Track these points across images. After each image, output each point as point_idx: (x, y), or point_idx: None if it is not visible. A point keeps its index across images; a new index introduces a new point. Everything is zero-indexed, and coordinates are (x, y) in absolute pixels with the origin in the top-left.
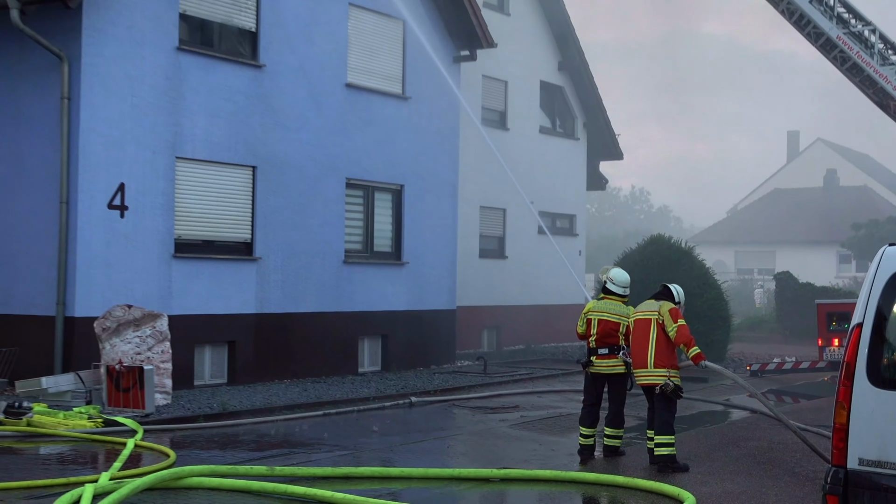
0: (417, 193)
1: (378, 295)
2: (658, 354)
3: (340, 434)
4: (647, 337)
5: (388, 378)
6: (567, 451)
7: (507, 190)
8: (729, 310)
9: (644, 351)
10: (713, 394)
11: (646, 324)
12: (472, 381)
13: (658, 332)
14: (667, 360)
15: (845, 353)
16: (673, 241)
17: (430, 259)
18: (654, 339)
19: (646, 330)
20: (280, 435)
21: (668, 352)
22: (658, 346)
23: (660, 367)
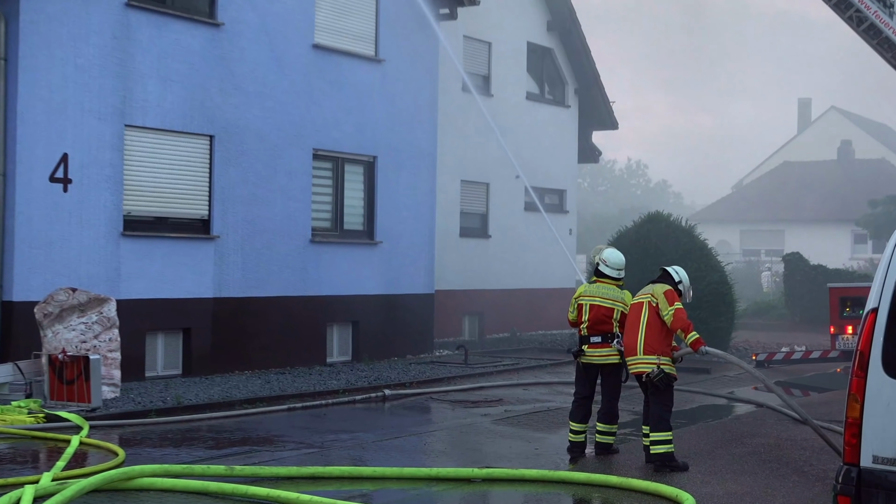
0: (392, 166)
1: (348, 277)
2: (648, 339)
3: (307, 430)
4: (639, 320)
5: (359, 369)
6: (555, 449)
7: (490, 162)
8: (733, 294)
9: (634, 336)
10: (715, 385)
11: (638, 307)
12: (451, 373)
13: (650, 316)
14: (658, 345)
15: (858, 341)
16: (672, 219)
17: (405, 238)
18: (645, 323)
19: (638, 314)
20: (240, 431)
21: (660, 337)
22: (649, 331)
23: (649, 353)
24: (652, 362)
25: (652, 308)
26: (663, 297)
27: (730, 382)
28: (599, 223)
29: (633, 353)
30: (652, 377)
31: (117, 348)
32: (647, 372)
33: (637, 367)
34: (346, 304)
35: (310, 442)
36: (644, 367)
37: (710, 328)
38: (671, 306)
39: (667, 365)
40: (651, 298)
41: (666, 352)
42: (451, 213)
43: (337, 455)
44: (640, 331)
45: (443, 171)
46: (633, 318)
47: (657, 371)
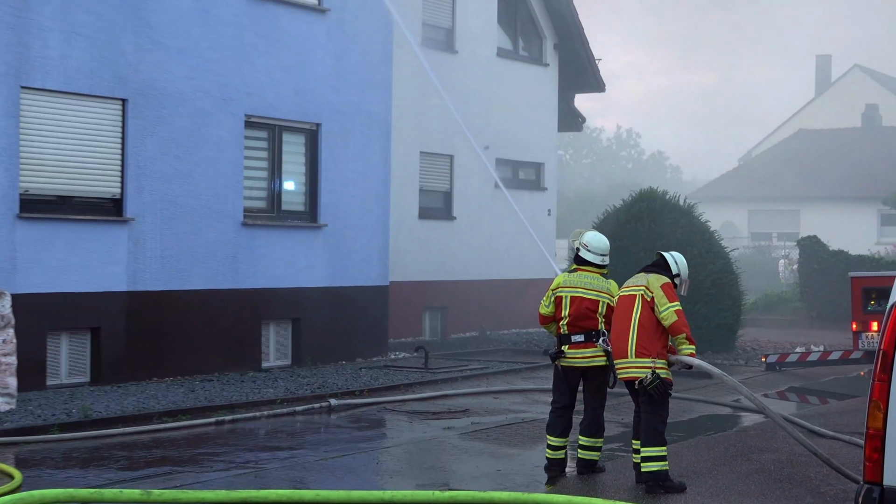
0: (339, 135)
1: (287, 267)
2: (641, 339)
3: (238, 447)
4: (629, 317)
5: (300, 375)
6: (531, 468)
7: (455, 131)
8: (740, 285)
9: (624, 335)
10: (718, 392)
11: (629, 301)
12: (409, 379)
13: (643, 311)
14: (652, 347)
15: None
16: (669, 197)
17: (354, 220)
18: (637, 320)
19: (628, 309)
20: (159, 449)
21: (654, 336)
22: (641, 330)
23: (642, 355)
24: (645, 366)
25: (645, 302)
26: (660, 291)
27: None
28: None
29: (622, 355)
30: (645, 384)
31: (12, 351)
32: (639, 378)
33: (628, 372)
34: (284, 299)
35: (241, 461)
36: (636, 371)
37: (713, 325)
38: (671, 303)
39: (662, 369)
40: (644, 291)
41: (662, 354)
42: (409, 191)
43: (274, 476)
44: (631, 329)
45: (399, 142)
46: (621, 314)
47: (652, 377)
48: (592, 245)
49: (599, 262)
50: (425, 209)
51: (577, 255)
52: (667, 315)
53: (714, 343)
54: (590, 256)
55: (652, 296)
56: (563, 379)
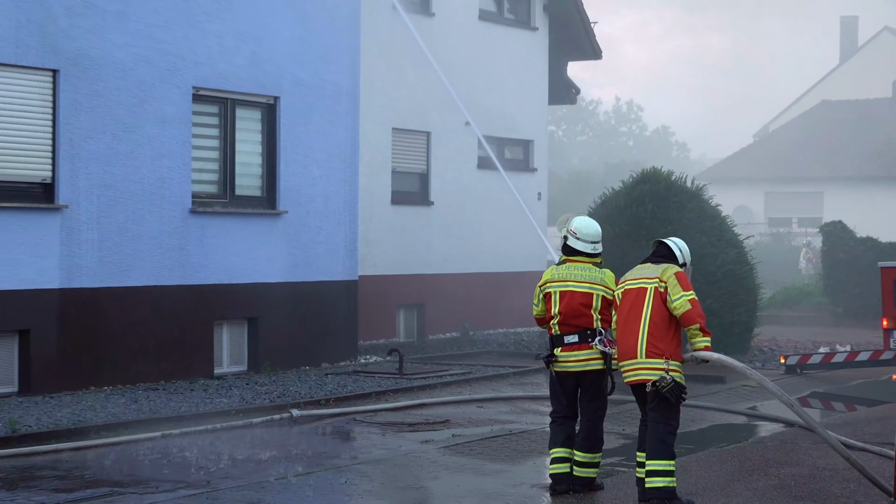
0: (300, 109)
1: (242, 260)
2: (653, 338)
3: (188, 465)
4: (640, 313)
5: (258, 382)
6: (520, 486)
7: (431, 105)
8: (755, 278)
9: (633, 334)
10: (732, 398)
11: (639, 295)
12: (381, 386)
13: (656, 306)
14: (665, 346)
15: None
16: (675, 178)
17: (318, 206)
18: (649, 316)
19: (638, 303)
20: (98, 468)
21: (668, 334)
22: (653, 326)
23: (654, 355)
24: (658, 367)
25: (658, 295)
26: (675, 279)
27: (751, 395)
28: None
29: (630, 355)
30: (660, 388)
31: None
32: (650, 380)
33: (638, 375)
34: (239, 296)
35: (192, 481)
36: (647, 374)
37: (725, 323)
38: (685, 291)
39: (676, 372)
40: (658, 283)
41: (676, 353)
42: (380, 173)
43: (228, 498)
44: (641, 326)
45: (368, 117)
46: (629, 309)
47: (667, 379)
48: (582, 232)
49: (591, 250)
50: (399, 193)
51: (564, 245)
52: (680, 304)
53: (727, 343)
54: (579, 245)
55: (665, 286)
56: (559, 385)
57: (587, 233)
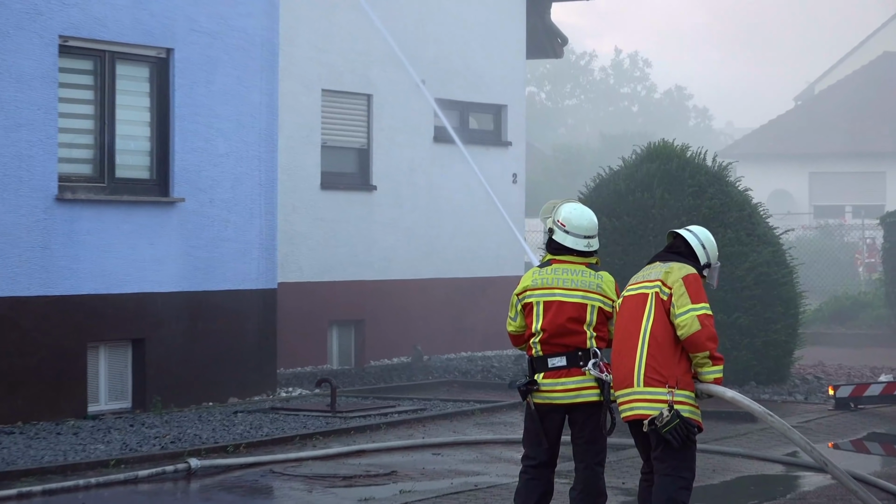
0: (200, 65)
1: (125, 263)
2: (653, 359)
3: None
4: (636, 327)
5: (146, 423)
6: None
7: (374, 59)
8: (796, 284)
9: (629, 354)
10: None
11: (637, 304)
12: (308, 427)
13: (658, 317)
14: (669, 370)
15: None
16: (691, 155)
17: (225, 192)
18: (649, 331)
19: (636, 314)
20: None
21: (673, 355)
22: (654, 345)
23: (655, 382)
24: (660, 399)
25: (661, 304)
26: (681, 284)
27: None
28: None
29: (626, 383)
30: (659, 425)
31: None
32: (650, 416)
33: (633, 409)
34: (121, 311)
35: None
36: (644, 407)
37: (757, 343)
38: (695, 304)
39: (686, 404)
40: (659, 287)
41: (685, 380)
42: (306, 148)
43: None
44: (639, 344)
45: (291, 75)
46: (625, 323)
47: (669, 414)
48: (573, 223)
49: (584, 247)
50: (331, 175)
51: (550, 241)
52: (685, 321)
53: (759, 370)
54: (570, 240)
55: (670, 293)
56: (539, 423)
57: (580, 224)
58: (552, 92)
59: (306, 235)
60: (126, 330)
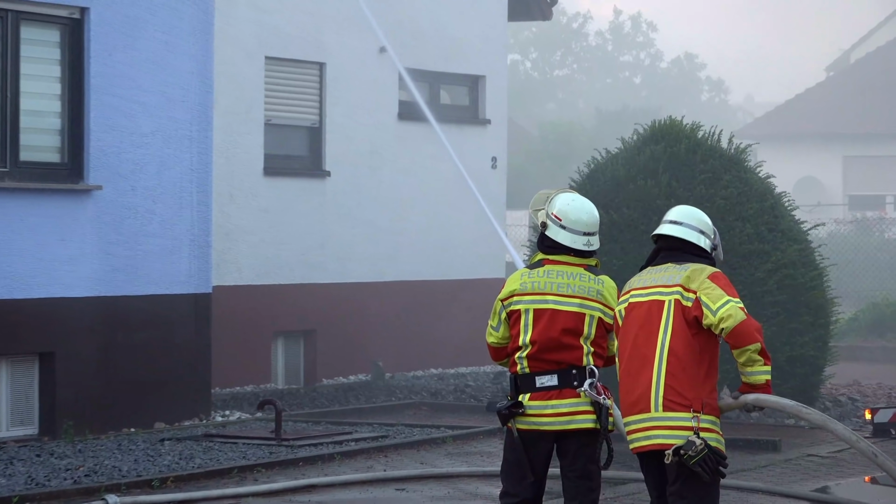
0: (121, 28)
1: (30, 262)
2: (674, 379)
3: None
4: (653, 340)
5: (56, 453)
6: None
7: (328, 21)
8: (827, 288)
9: (644, 375)
10: (791, 475)
11: (651, 312)
12: (249, 458)
13: (678, 329)
14: (693, 391)
15: None
16: (703, 135)
17: (150, 179)
18: (667, 345)
19: (651, 325)
20: None
21: (697, 374)
22: (674, 362)
23: (677, 407)
24: (683, 426)
25: (681, 311)
26: (710, 283)
27: (819, 469)
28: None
29: (640, 408)
30: (687, 458)
31: None
32: (672, 446)
33: (651, 438)
34: (25, 320)
35: None
36: (667, 436)
37: (781, 358)
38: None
39: (712, 431)
40: (680, 294)
41: (710, 404)
42: (247, 126)
43: None
44: (656, 360)
45: (228, 39)
46: (635, 336)
47: (697, 445)
48: (570, 217)
49: (583, 245)
50: (277, 158)
51: (542, 237)
52: (728, 312)
53: (784, 389)
54: (565, 237)
55: (695, 298)
56: (523, 453)
57: (578, 218)
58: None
59: (246, 230)
60: (31, 342)
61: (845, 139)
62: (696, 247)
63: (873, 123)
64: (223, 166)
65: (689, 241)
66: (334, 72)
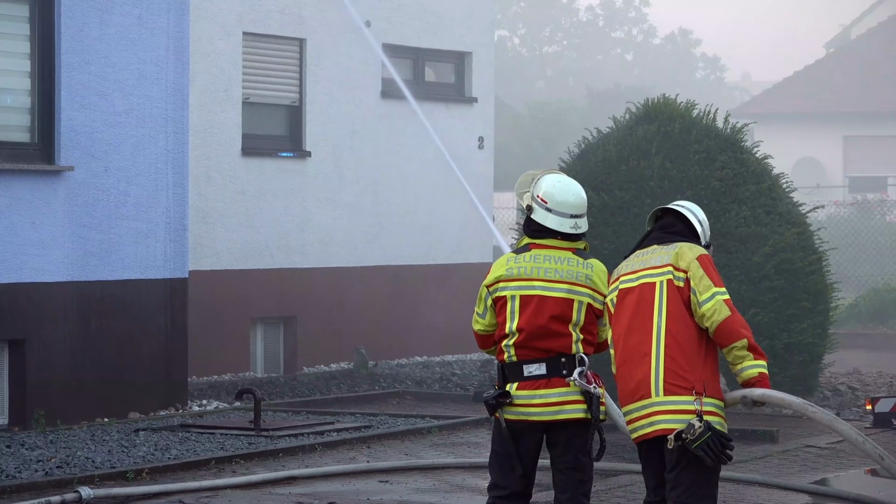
0: (90, 2)
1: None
2: (673, 362)
3: None
4: (648, 323)
5: (26, 444)
6: None
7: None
8: (827, 273)
9: (642, 360)
10: (788, 467)
11: (643, 295)
12: (227, 449)
13: (673, 308)
14: (695, 373)
15: None
16: (698, 114)
17: (123, 159)
18: (664, 326)
19: (644, 308)
20: None
21: (697, 353)
22: (672, 343)
23: (679, 389)
24: (686, 409)
25: (675, 291)
26: (698, 266)
27: (817, 460)
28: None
29: (640, 394)
30: (690, 442)
31: None
32: (675, 430)
33: (654, 424)
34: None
35: None
36: (670, 420)
37: (778, 346)
38: (717, 287)
39: (715, 414)
40: (672, 273)
41: (713, 385)
42: (224, 105)
43: None
44: (653, 343)
45: (204, 14)
46: (630, 322)
47: (696, 427)
48: (557, 199)
49: (570, 228)
50: (255, 138)
51: (528, 220)
52: (712, 308)
53: (781, 378)
54: (552, 220)
55: (685, 278)
56: (512, 444)
57: (565, 200)
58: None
59: (224, 213)
60: (1, 329)
61: (846, 118)
62: (690, 229)
63: (874, 102)
64: (200, 147)
65: (688, 220)
66: (315, 48)
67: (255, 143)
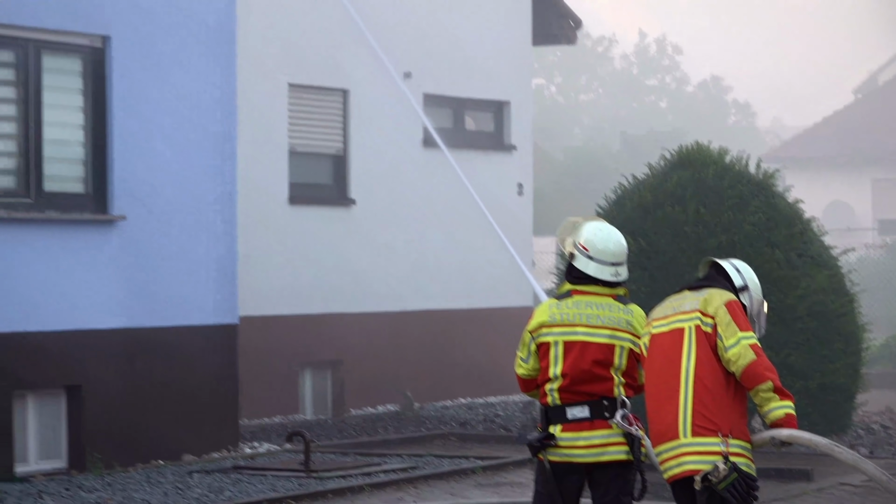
0: (142, 54)
1: (54, 295)
2: (701, 405)
3: None
4: (677, 368)
5: (83, 487)
6: None
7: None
8: (859, 315)
9: (671, 403)
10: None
11: (674, 341)
12: (278, 490)
13: (702, 354)
14: (722, 416)
15: None
16: (731, 160)
17: (173, 209)
18: (693, 371)
19: (674, 353)
20: None
21: (725, 398)
22: (700, 387)
23: (705, 432)
24: (712, 451)
25: (703, 337)
26: (725, 312)
27: (854, 497)
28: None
29: (669, 435)
30: (715, 481)
31: None
32: (702, 472)
33: (682, 465)
34: (52, 352)
35: None
36: (697, 461)
37: (812, 387)
38: (743, 332)
39: (742, 455)
40: (700, 319)
41: (739, 428)
42: (271, 155)
43: None
44: (681, 387)
45: (251, 66)
46: (661, 366)
47: (721, 470)
48: (598, 247)
49: (611, 276)
50: (301, 187)
51: (570, 267)
52: (737, 353)
53: (814, 418)
54: (593, 268)
55: (713, 323)
56: (555, 485)
57: (606, 249)
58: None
59: (272, 259)
60: (58, 375)
61: (874, 162)
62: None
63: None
64: (249, 195)
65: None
66: (358, 98)
67: (302, 192)
